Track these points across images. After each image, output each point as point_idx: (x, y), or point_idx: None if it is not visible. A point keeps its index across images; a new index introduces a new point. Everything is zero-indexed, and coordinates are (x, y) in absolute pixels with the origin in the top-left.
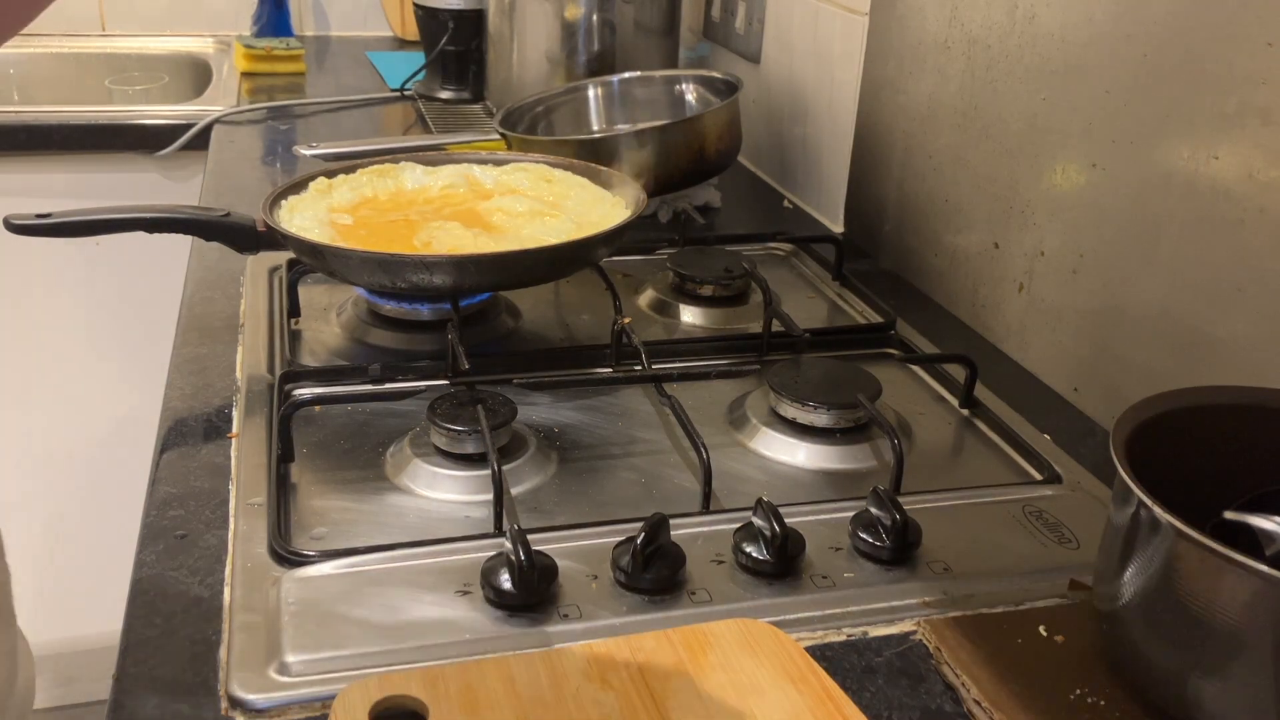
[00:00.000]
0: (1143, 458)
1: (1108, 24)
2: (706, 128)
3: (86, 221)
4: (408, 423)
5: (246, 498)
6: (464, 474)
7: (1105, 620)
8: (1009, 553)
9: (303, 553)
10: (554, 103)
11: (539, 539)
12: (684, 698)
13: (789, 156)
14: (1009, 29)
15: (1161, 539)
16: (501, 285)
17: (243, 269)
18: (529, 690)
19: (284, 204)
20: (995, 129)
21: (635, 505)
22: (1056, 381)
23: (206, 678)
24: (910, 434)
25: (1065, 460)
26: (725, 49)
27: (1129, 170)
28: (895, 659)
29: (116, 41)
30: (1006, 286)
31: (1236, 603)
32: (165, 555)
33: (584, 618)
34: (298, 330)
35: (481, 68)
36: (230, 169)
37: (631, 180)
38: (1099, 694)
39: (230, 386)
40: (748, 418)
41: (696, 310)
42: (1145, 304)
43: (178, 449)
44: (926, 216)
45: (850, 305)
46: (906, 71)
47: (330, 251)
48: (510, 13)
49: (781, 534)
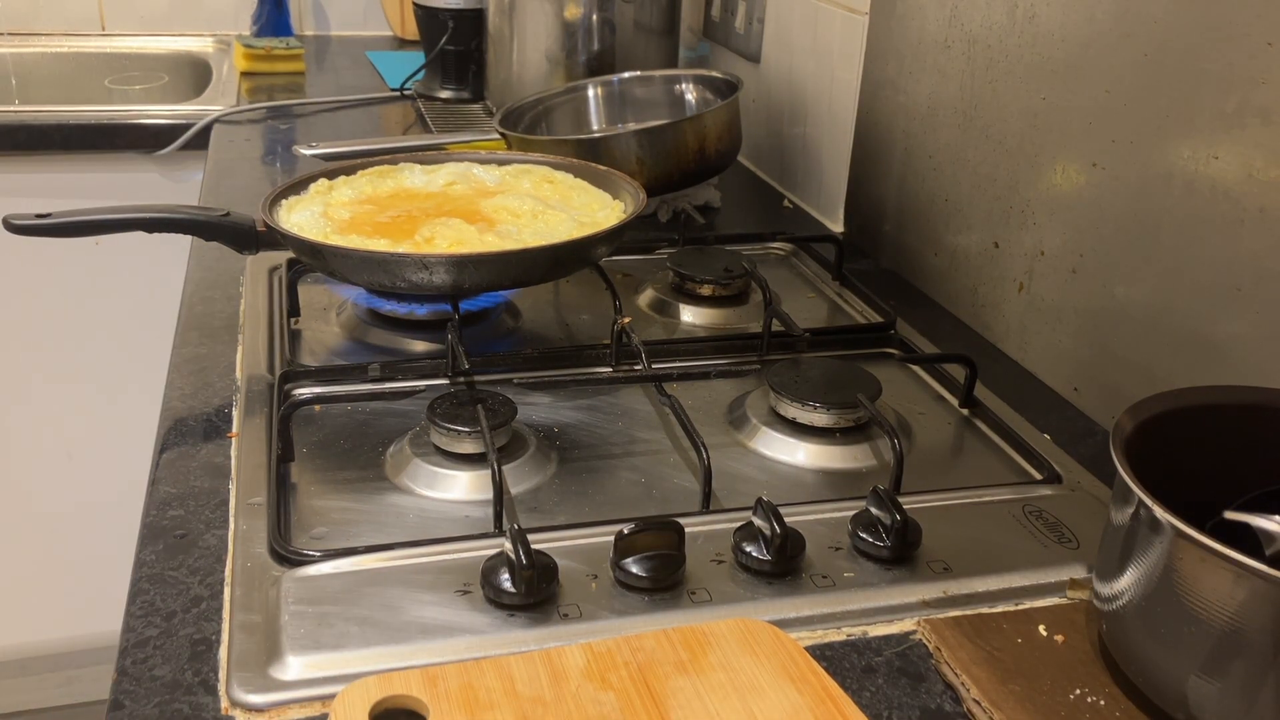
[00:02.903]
0: (1143, 458)
1: (1108, 24)
2: (706, 127)
3: (86, 221)
4: (408, 422)
5: (246, 497)
6: (464, 474)
7: (1105, 620)
8: (1009, 553)
9: (303, 552)
10: (554, 102)
11: (539, 539)
12: (684, 697)
13: (789, 156)
14: (1009, 29)
15: (1161, 539)
16: (501, 285)
17: (242, 269)
18: (529, 690)
19: (283, 204)
20: (995, 129)
21: (635, 505)
22: (1056, 381)
23: (206, 678)
24: (910, 434)
25: (1065, 460)
26: (725, 49)
27: (1129, 170)
28: (895, 659)
29: (116, 41)
30: (1006, 286)
31: (1236, 603)
32: (165, 555)
33: (584, 617)
34: (297, 330)
35: (481, 67)
36: (230, 169)
37: (631, 180)
38: (1099, 694)
39: (230, 386)
40: (748, 417)
41: (696, 310)
42: (1145, 304)
43: (178, 449)
44: (926, 216)
45: (850, 305)
46: (906, 71)
47: (330, 251)
48: (510, 12)
49: (781, 534)
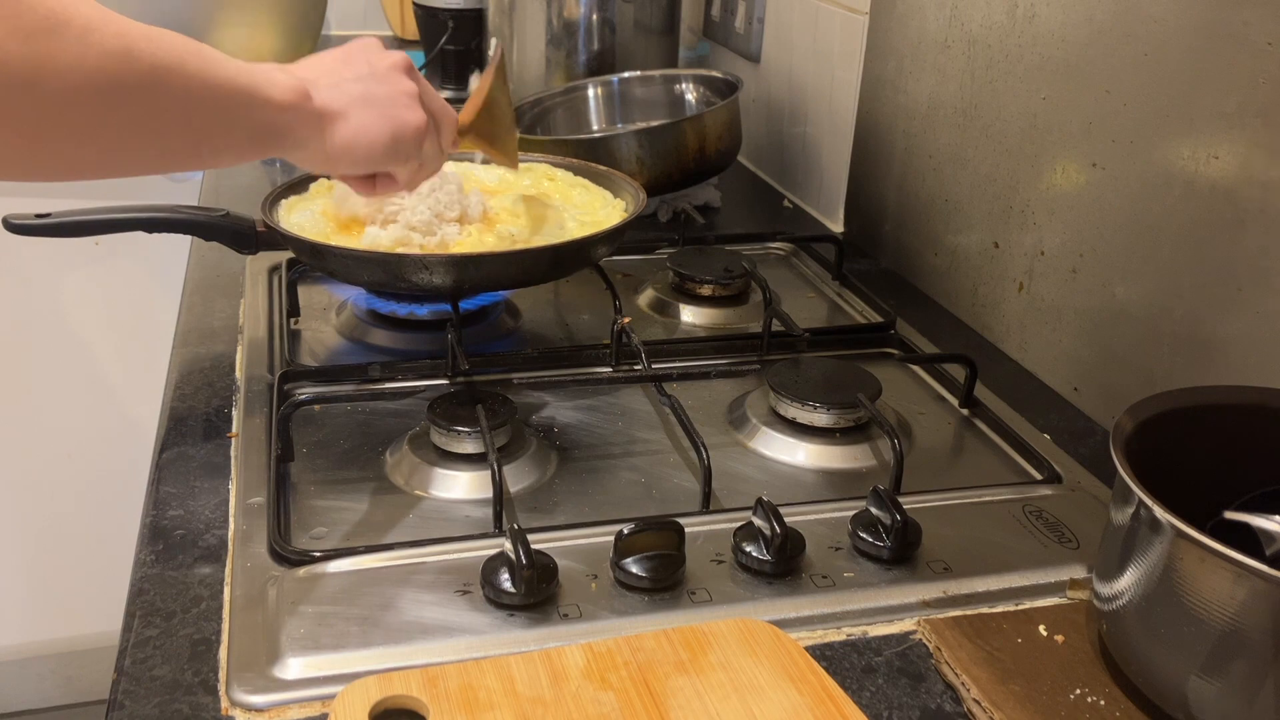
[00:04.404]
0: (1143, 458)
1: (1108, 24)
2: (706, 127)
3: (86, 221)
4: (408, 423)
5: (246, 497)
6: (464, 474)
7: (1105, 620)
8: (1009, 553)
9: (302, 552)
10: (554, 102)
11: (539, 539)
12: (684, 697)
13: (789, 156)
14: (1009, 29)
15: (1161, 539)
16: (501, 285)
17: (242, 269)
18: (529, 690)
19: (283, 204)
20: (995, 129)
21: (635, 505)
22: (1056, 381)
23: (206, 678)
24: (910, 434)
25: (1065, 460)
26: (725, 48)
27: (1129, 170)
28: (895, 659)
29: None
30: (1006, 286)
31: (1236, 603)
32: (165, 555)
33: (584, 617)
34: (297, 330)
35: (481, 67)
36: (230, 169)
37: (631, 180)
38: (1099, 694)
39: (230, 386)
40: (748, 417)
41: (696, 310)
42: (1145, 304)
43: (178, 449)
44: (926, 216)
45: (850, 305)
46: (906, 71)
47: (330, 251)
48: (510, 12)
49: (781, 534)
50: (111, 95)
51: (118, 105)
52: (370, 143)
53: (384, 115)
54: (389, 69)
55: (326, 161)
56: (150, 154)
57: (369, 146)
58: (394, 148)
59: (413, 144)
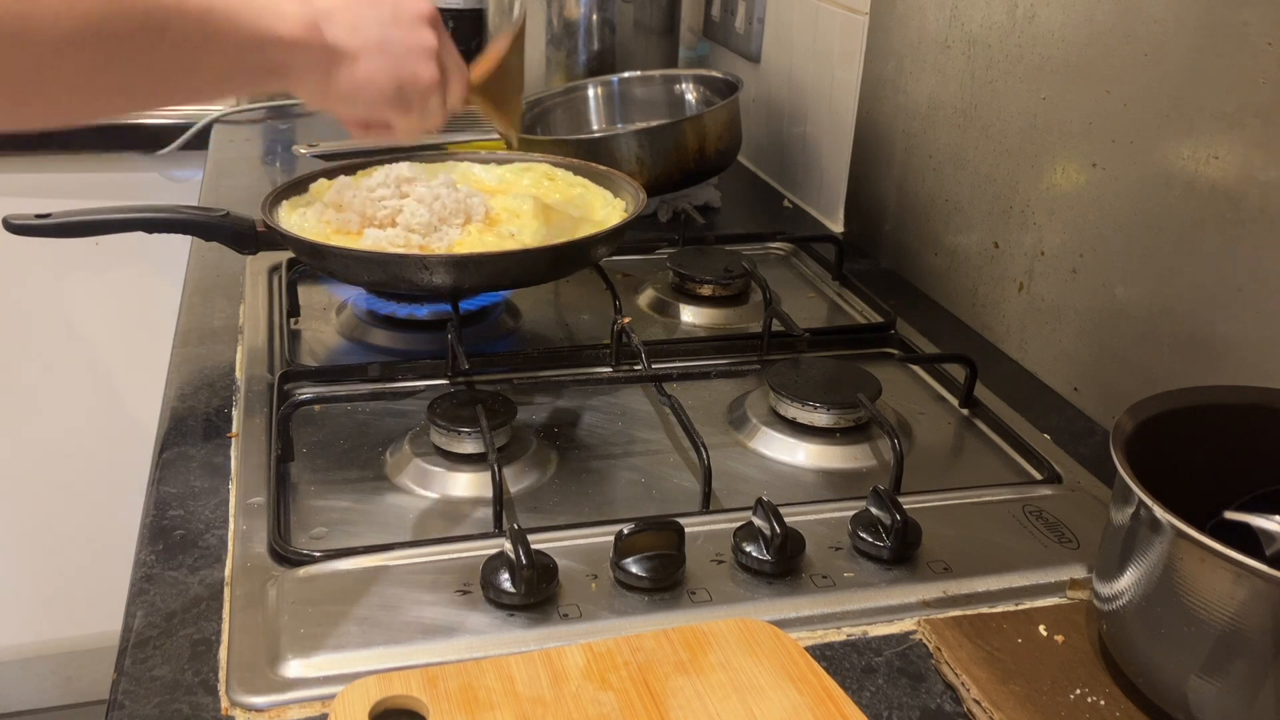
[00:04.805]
0: (1143, 458)
1: (1108, 24)
2: (706, 127)
3: (86, 221)
4: (408, 423)
5: (246, 497)
6: (464, 474)
7: (1105, 620)
8: (1009, 553)
9: (302, 552)
10: (554, 102)
11: (539, 539)
12: (684, 697)
13: (789, 156)
14: (1009, 29)
15: (1161, 539)
16: (501, 285)
17: (242, 269)
18: (529, 690)
19: (283, 204)
20: (995, 129)
21: (635, 505)
22: (1056, 381)
23: (206, 678)
24: (910, 434)
25: (1065, 460)
26: (725, 49)
27: (1129, 170)
28: (895, 659)
29: None
30: (1006, 286)
31: (1236, 603)
32: (165, 555)
33: (584, 617)
34: (297, 330)
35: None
36: (230, 169)
37: (631, 180)
38: (1099, 694)
39: (230, 386)
40: (748, 417)
41: (696, 310)
42: (1145, 304)
43: (178, 449)
44: (926, 216)
45: (850, 305)
46: (906, 71)
47: (330, 251)
48: (510, 12)
49: (781, 534)
50: (105, 41)
51: (113, 52)
52: (376, 92)
53: (396, 66)
54: (413, 19)
55: (325, 100)
56: (147, 95)
57: (373, 95)
58: (399, 100)
59: (418, 99)
